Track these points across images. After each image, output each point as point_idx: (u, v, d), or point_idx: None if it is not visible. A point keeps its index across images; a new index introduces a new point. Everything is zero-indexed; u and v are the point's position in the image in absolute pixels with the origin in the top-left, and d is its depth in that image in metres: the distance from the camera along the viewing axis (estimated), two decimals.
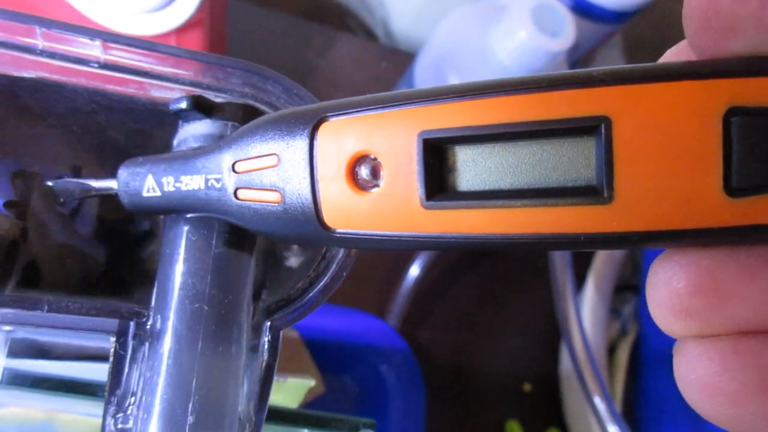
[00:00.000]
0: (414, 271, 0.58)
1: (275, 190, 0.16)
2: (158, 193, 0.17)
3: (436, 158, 0.14)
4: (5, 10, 0.17)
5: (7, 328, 0.16)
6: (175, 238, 0.17)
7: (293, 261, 0.21)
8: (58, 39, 0.18)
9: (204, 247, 0.17)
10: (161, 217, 0.19)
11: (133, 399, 0.16)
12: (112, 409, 0.16)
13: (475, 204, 0.14)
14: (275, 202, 0.16)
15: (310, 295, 0.18)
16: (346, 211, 0.15)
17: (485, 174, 0.14)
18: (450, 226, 0.14)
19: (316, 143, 0.15)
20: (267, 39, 0.62)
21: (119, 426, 0.16)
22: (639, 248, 0.13)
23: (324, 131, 0.15)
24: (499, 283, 0.63)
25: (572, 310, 0.48)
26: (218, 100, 0.18)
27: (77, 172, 0.21)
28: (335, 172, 0.15)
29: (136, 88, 0.19)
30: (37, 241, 0.18)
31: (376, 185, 0.15)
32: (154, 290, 0.17)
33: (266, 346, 0.17)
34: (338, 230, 0.15)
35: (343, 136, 0.15)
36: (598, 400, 0.46)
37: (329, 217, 0.15)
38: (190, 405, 0.15)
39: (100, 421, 0.21)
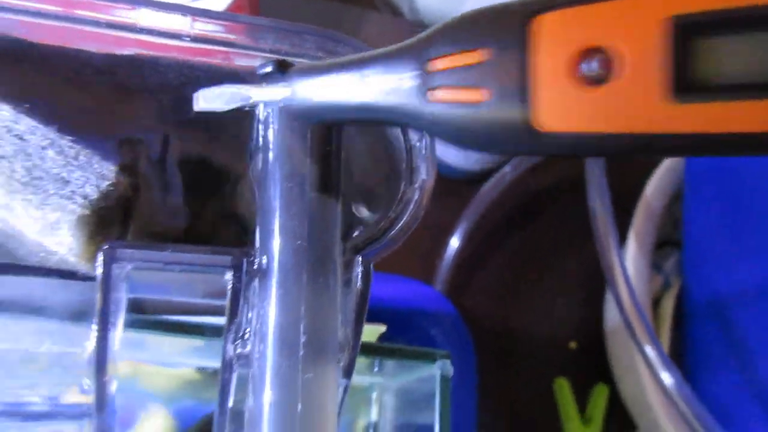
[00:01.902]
0: (454, 243, 0.60)
1: (478, 88, 0.14)
2: (338, 98, 0.16)
3: (685, 47, 0.12)
4: None
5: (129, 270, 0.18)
6: (270, 188, 0.19)
7: (364, 213, 0.23)
8: (153, 16, 0.20)
9: (299, 193, 0.18)
10: (252, 169, 0.21)
11: (248, 328, 0.18)
12: (231, 336, 0.18)
13: (735, 97, 0.12)
14: (477, 102, 0.14)
15: (392, 233, 0.20)
16: (566, 109, 0.14)
17: (745, 65, 0.12)
18: (697, 123, 0.12)
19: (533, 35, 0.14)
20: (297, 22, 0.64)
21: (238, 351, 0.18)
22: None
23: (543, 23, 0.14)
24: (540, 248, 0.65)
25: (616, 259, 0.49)
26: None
27: (166, 143, 0.23)
28: (555, 66, 0.14)
29: (221, 59, 0.21)
30: (146, 198, 0.20)
31: (607, 80, 0.13)
32: (257, 234, 0.19)
33: (360, 276, 0.19)
34: (553, 131, 0.14)
35: (567, 28, 0.13)
36: (648, 349, 0.47)
37: (544, 117, 0.14)
38: (301, 326, 0.17)
39: (177, 371, 0.23)
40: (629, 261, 0.54)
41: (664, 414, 0.51)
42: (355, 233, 0.20)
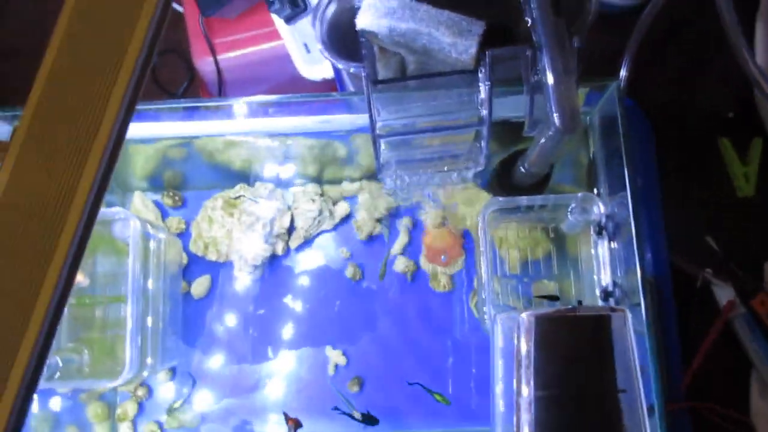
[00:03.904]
0: (628, 55, 0.84)
1: None
2: None
3: None
4: None
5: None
6: (538, 19, 0.50)
7: None
8: None
9: (547, 16, 0.49)
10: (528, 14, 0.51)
11: (538, 68, 0.49)
12: (533, 73, 0.49)
13: None
14: None
15: (584, 27, 0.50)
16: None
17: None
18: None
19: None
20: None
21: (535, 79, 0.50)
22: None
23: None
24: (695, 49, 0.88)
25: (742, 42, 0.72)
26: None
27: None
28: None
29: None
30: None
31: None
32: (534, 37, 0.50)
33: (575, 43, 0.49)
34: None
35: None
36: None
37: None
38: (560, 61, 0.48)
39: None
40: (758, 42, 0.76)
41: None
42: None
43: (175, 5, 0.91)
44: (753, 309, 0.79)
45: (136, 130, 0.61)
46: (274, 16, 0.70)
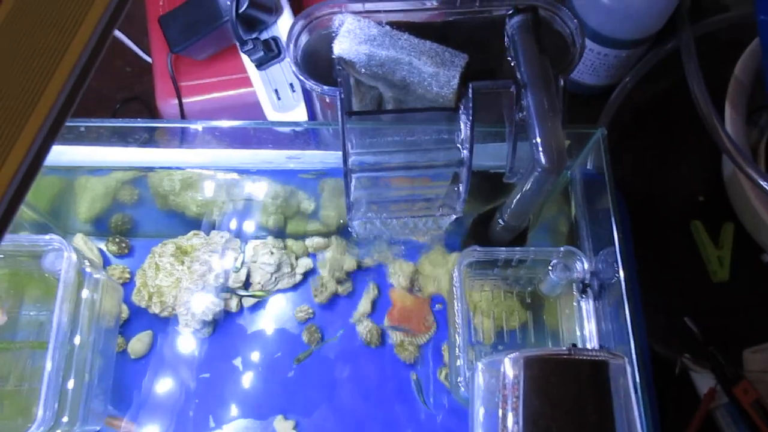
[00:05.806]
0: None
1: None
2: None
3: None
4: None
5: None
6: (521, 59, 0.48)
7: None
8: None
9: (532, 56, 0.47)
10: (509, 53, 0.50)
11: (523, 105, 0.47)
12: (517, 110, 0.47)
13: None
14: None
15: (571, 67, 0.48)
16: None
17: None
18: None
19: None
20: None
21: (520, 116, 0.47)
22: None
23: None
24: (664, 132, 0.89)
25: (716, 122, 0.72)
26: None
27: None
28: None
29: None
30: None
31: None
32: (518, 74, 0.48)
33: (561, 84, 0.47)
34: None
35: None
36: (751, 172, 0.69)
37: None
38: (544, 99, 0.46)
39: None
40: (728, 122, 0.77)
41: None
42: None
43: (144, 55, 0.88)
44: (735, 398, 0.74)
45: (83, 155, 0.56)
46: (246, 61, 0.68)
